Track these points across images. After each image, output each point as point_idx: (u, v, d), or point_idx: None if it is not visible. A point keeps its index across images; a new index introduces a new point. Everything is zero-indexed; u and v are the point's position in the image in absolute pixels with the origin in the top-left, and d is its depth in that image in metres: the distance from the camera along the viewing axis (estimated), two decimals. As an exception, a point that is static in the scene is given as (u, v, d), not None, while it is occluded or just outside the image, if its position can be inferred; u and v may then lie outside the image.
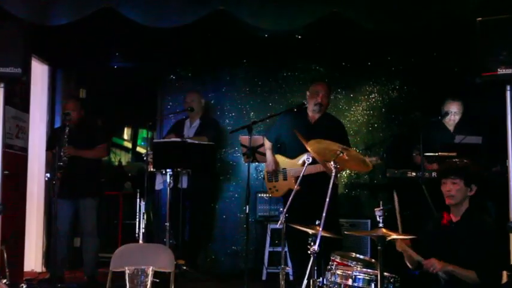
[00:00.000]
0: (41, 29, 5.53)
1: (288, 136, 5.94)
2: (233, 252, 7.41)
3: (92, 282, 6.30)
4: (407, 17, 5.51)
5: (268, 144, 6.24)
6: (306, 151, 5.05)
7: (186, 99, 7.04)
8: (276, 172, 6.05)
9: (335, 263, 4.14)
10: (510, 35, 4.05)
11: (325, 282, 4.08)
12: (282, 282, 4.53)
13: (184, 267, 6.25)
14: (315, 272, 4.08)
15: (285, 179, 5.95)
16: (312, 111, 6.02)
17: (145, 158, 6.49)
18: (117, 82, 9.27)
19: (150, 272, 2.82)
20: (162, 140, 6.49)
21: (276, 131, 6.22)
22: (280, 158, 6.07)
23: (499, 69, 4.07)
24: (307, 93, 6.10)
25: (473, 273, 3.78)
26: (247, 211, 5.49)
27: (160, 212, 7.45)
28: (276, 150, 6.21)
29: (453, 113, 6.32)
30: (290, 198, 4.73)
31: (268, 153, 6.19)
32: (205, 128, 6.89)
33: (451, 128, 6.38)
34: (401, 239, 4.05)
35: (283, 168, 6.00)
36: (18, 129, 6.16)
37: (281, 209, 6.69)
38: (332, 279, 4.00)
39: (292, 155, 5.89)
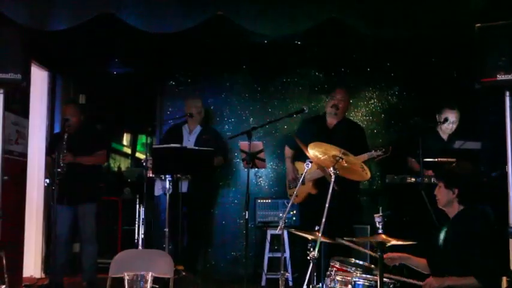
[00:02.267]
0: (41, 34, 5.53)
1: (306, 142, 6.01)
2: (232, 258, 7.40)
3: (91, 288, 6.31)
4: (406, 23, 5.52)
5: (288, 152, 6.35)
6: None
7: (188, 104, 7.02)
8: (296, 179, 6.09)
9: (334, 268, 4.13)
10: (509, 41, 4.06)
11: (324, 288, 4.07)
12: (282, 288, 4.52)
13: (184, 273, 6.24)
14: (314, 277, 4.07)
15: (303, 183, 5.96)
16: (329, 115, 6.09)
17: (144, 164, 6.48)
18: (117, 88, 9.27)
19: (149, 277, 2.82)
20: (161, 145, 6.47)
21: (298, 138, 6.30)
22: (299, 164, 6.10)
23: (498, 75, 4.08)
24: (328, 99, 6.19)
25: (472, 279, 3.76)
26: (246, 217, 5.49)
27: (160, 218, 7.44)
28: (296, 157, 6.26)
29: (451, 122, 6.32)
30: (290, 202, 4.74)
31: (287, 162, 6.34)
32: (219, 145, 6.91)
33: (445, 136, 6.38)
34: (388, 257, 4.08)
35: (301, 174, 6.02)
36: (18, 135, 6.16)
37: (280, 215, 6.77)
38: (331, 285, 3.99)
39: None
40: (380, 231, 3.68)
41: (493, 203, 5.50)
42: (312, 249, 4.01)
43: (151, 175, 6.45)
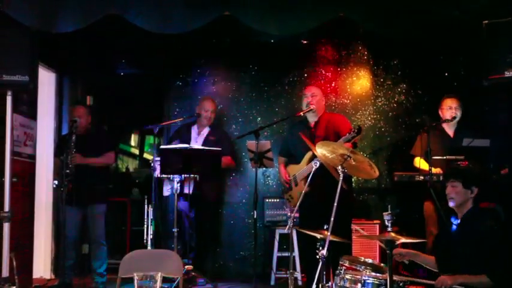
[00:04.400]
0: (48, 36, 5.55)
1: (294, 145, 5.99)
2: (241, 258, 7.40)
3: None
4: (413, 20, 5.50)
5: (280, 160, 6.28)
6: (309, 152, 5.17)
7: (200, 104, 6.99)
8: (289, 182, 6.06)
9: (344, 267, 4.12)
10: (517, 38, 4.05)
11: (334, 287, 4.07)
12: (291, 287, 4.52)
13: (193, 273, 6.25)
14: (324, 276, 4.07)
15: (296, 184, 5.94)
16: (308, 116, 6.02)
17: (152, 165, 6.48)
18: (124, 89, 9.28)
19: (158, 278, 2.83)
20: (168, 146, 6.47)
21: (285, 146, 6.26)
22: (290, 167, 6.08)
23: (506, 72, 4.07)
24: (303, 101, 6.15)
25: (485, 277, 3.75)
26: (255, 216, 5.49)
27: (168, 218, 7.44)
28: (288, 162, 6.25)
29: (454, 108, 6.29)
30: (299, 202, 4.74)
31: (280, 167, 6.24)
32: (226, 145, 6.86)
33: (451, 132, 6.34)
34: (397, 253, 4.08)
35: (293, 175, 6.00)
36: (26, 137, 6.18)
37: (289, 214, 6.75)
38: (341, 284, 3.98)
39: (300, 160, 5.90)
40: (389, 229, 3.68)
41: (502, 200, 5.50)
42: (321, 248, 4.01)
43: (159, 175, 6.44)
